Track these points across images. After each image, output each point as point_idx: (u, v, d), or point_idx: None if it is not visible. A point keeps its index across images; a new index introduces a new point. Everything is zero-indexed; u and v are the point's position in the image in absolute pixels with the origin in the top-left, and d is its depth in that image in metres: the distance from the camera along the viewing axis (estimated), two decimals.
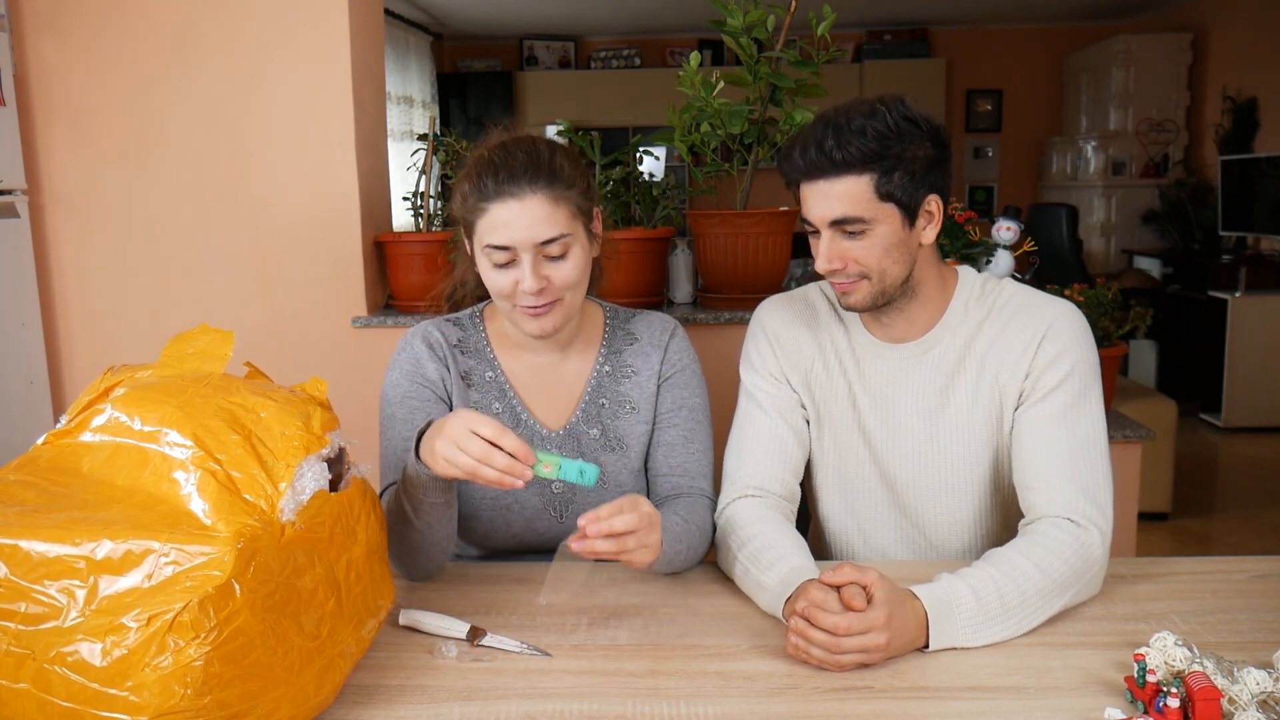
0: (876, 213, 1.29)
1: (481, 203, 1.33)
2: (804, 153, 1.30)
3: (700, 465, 1.47)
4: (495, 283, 1.35)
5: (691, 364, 1.51)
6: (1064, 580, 1.21)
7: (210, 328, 1.09)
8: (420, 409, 1.43)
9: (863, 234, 1.30)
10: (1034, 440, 1.33)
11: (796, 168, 1.32)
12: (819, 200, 1.31)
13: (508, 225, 1.31)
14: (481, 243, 1.35)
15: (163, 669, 0.82)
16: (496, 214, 1.32)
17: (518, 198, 1.31)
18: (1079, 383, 1.34)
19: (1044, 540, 1.24)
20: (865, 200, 1.29)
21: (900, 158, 1.27)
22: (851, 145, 1.26)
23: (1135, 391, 3.93)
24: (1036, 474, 1.32)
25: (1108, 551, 1.27)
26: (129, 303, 2.67)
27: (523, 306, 1.35)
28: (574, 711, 1.02)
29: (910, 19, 7.47)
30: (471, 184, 1.34)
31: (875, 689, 1.06)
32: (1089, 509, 1.27)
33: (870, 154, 1.27)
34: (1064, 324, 1.36)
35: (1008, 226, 2.32)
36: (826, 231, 1.31)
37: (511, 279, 1.34)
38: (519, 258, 1.33)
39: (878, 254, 1.31)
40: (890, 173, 1.28)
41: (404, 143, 6.12)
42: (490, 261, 1.34)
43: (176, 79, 2.56)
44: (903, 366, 1.42)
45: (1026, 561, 1.21)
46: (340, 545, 1.02)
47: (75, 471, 0.95)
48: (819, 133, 1.29)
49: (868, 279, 1.33)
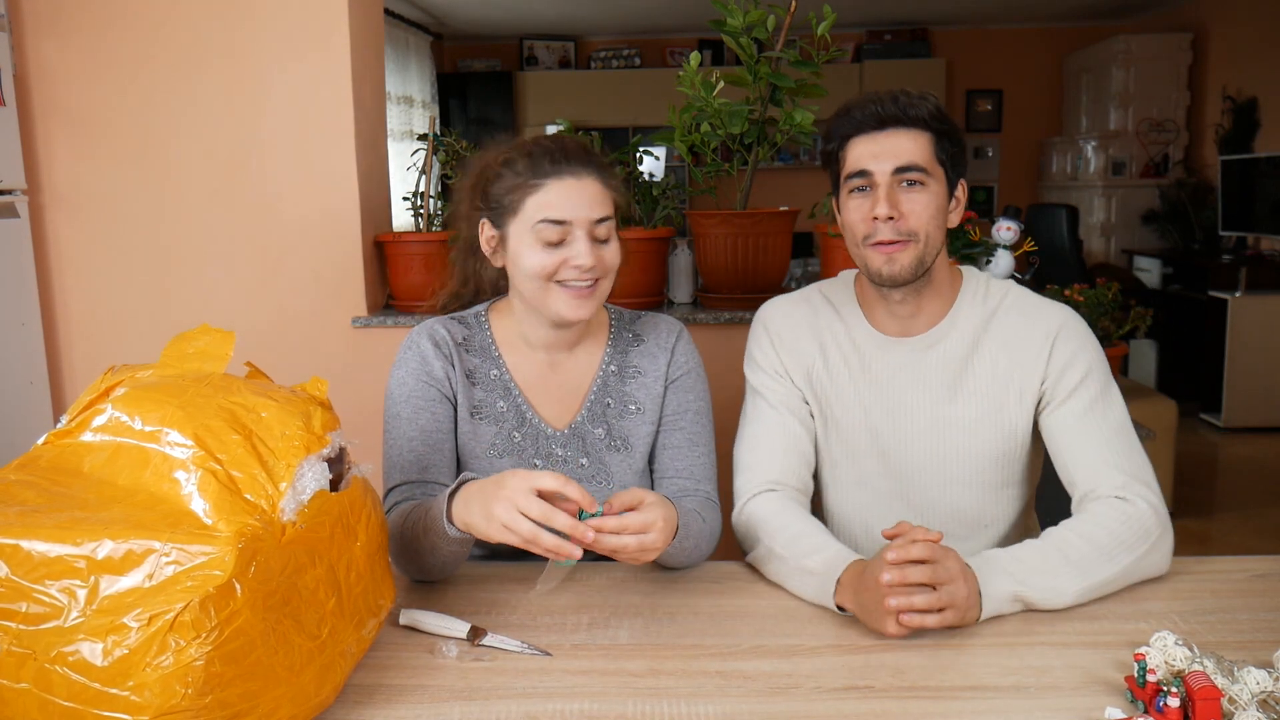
0: (934, 170, 1.38)
1: (536, 179, 1.36)
2: (879, 104, 1.37)
3: (704, 468, 1.48)
4: (540, 262, 1.36)
5: (697, 367, 1.52)
6: (1109, 546, 1.24)
7: (211, 328, 1.09)
8: (426, 408, 1.43)
9: (922, 188, 1.37)
10: (1069, 437, 1.38)
11: (870, 116, 1.37)
12: (887, 149, 1.37)
13: (568, 199, 1.35)
14: (532, 220, 1.36)
15: (164, 669, 0.82)
16: (553, 190, 1.35)
17: (576, 176, 1.36)
18: (1100, 378, 1.39)
19: (1088, 514, 1.30)
20: (929, 156, 1.37)
21: (950, 131, 1.39)
22: (921, 106, 1.37)
23: (1135, 391, 3.93)
24: (1078, 467, 1.36)
25: (1167, 525, 1.30)
26: (129, 303, 2.67)
27: (571, 286, 1.37)
28: (574, 711, 1.02)
29: (910, 19, 7.47)
30: (523, 164, 1.37)
31: (875, 689, 1.06)
32: (1134, 485, 1.31)
33: (934, 116, 1.37)
34: (1073, 327, 1.42)
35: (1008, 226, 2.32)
36: (888, 180, 1.37)
37: (559, 257, 1.35)
38: (571, 235, 1.35)
39: (929, 214, 1.37)
40: (944, 139, 1.38)
41: (404, 143, 6.12)
42: (540, 240, 1.36)
43: (177, 79, 2.56)
44: (910, 359, 1.44)
45: (1068, 531, 1.27)
46: (341, 545, 1.02)
47: (76, 471, 0.95)
48: (886, 94, 1.38)
49: (914, 241, 1.37)
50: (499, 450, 1.45)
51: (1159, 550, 1.28)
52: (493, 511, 1.12)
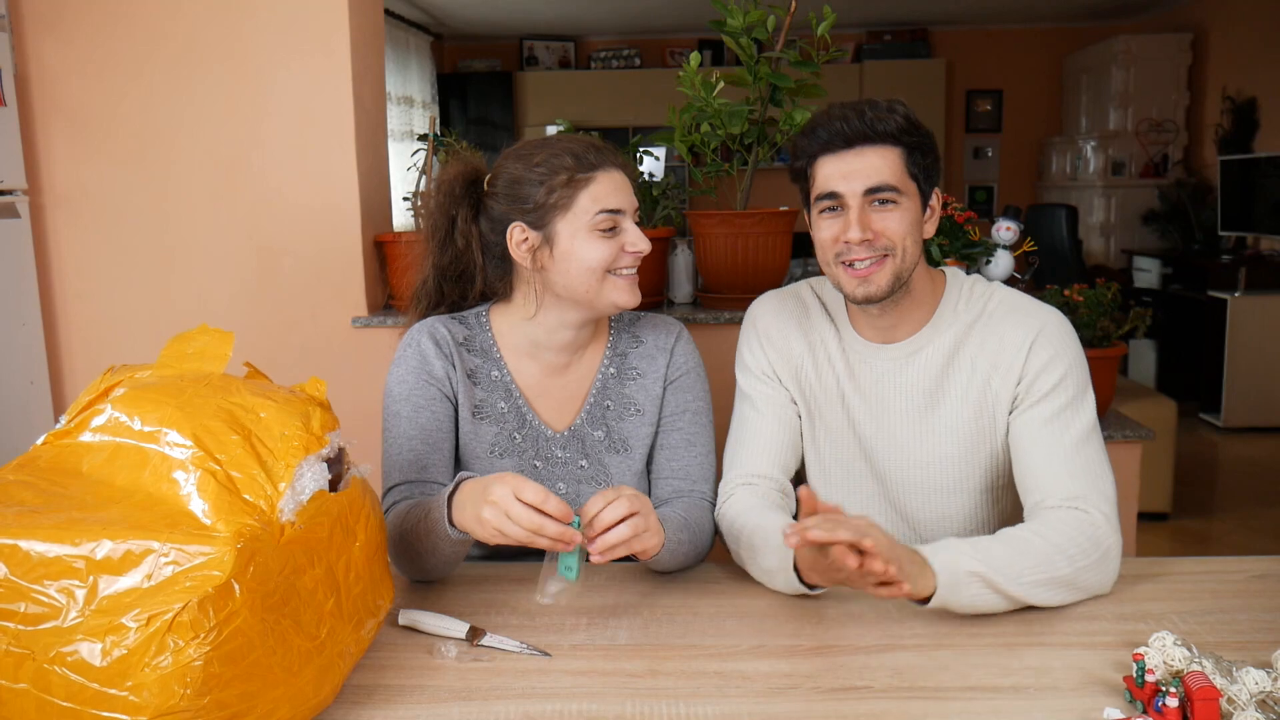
0: (906, 187, 1.34)
1: (585, 173, 1.37)
2: (845, 121, 1.33)
3: (702, 469, 1.48)
4: (602, 252, 1.38)
5: (696, 368, 1.52)
6: (1065, 548, 1.22)
7: (210, 328, 1.09)
8: (425, 407, 1.42)
9: (894, 205, 1.34)
10: (1030, 441, 1.35)
11: (836, 134, 1.34)
12: (855, 169, 1.33)
13: (618, 189, 1.39)
14: (589, 212, 1.37)
15: (162, 669, 0.82)
16: (604, 182, 1.38)
17: (618, 168, 1.41)
18: (1072, 387, 1.35)
19: (1043, 519, 1.28)
20: (899, 172, 1.34)
21: (920, 143, 1.35)
22: (889, 120, 1.33)
23: (1135, 391, 3.93)
24: (1034, 474, 1.33)
25: (1119, 541, 1.27)
26: (129, 303, 2.67)
27: (624, 275, 1.41)
28: (574, 711, 1.02)
29: (910, 19, 7.47)
30: (561, 163, 1.37)
31: (875, 689, 1.06)
32: (1090, 494, 1.29)
33: (904, 129, 1.33)
34: (1054, 329, 1.37)
35: (1008, 226, 2.32)
36: (859, 201, 1.33)
37: (617, 244, 1.39)
38: (623, 223, 1.39)
39: (904, 230, 1.34)
40: (915, 151, 1.34)
41: (404, 143, 6.12)
42: (597, 230, 1.37)
43: (177, 79, 2.57)
44: (891, 367, 1.43)
45: (1024, 530, 1.25)
46: (340, 545, 1.02)
47: (75, 471, 0.95)
48: (853, 109, 1.33)
49: (891, 256, 1.34)
50: (500, 451, 1.45)
51: (1108, 563, 1.25)
52: (483, 518, 1.14)
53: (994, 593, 1.17)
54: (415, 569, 1.31)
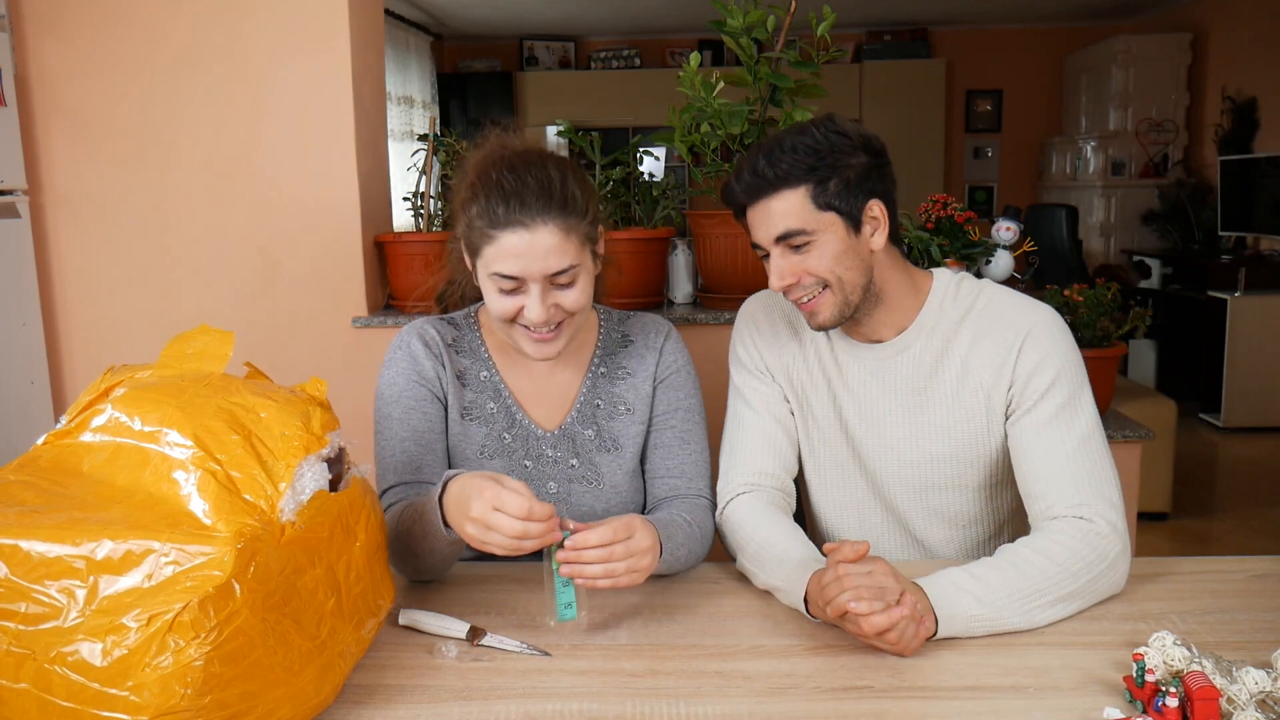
0: (818, 223, 1.32)
1: (491, 229, 1.29)
2: (739, 178, 1.34)
3: (697, 467, 1.48)
4: (500, 307, 1.33)
5: (686, 366, 1.51)
6: (1070, 566, 1.20)
7: (210, 328, 1.09)
8: (417, 408, 1.42)
9: (808, 245, 1.33)
10: (1031, 448, 1.33)
11: (737, 195, 1.36)
12: (762, 220, 1.34)
13: (518, 256, 1.28)
14: (488, 269, 1.32)
15: (163, 669, 0.82)
16: (506, 243, 1.29)
17: (529, 228, 1.28)
18: (1067, 387, 1.33)
19: (1047, 533, 1.25)
20: (805, 212, 1.32)
21: (834, 168, 1.31)
22: (783, 162, 1.31)
23: (1135, 391, 3.93)
24: (1037, 480, 1.31)
25: (1126, 545, 1.26)
26: (129, 303, 2.67)
27: (527, 333, 1.35)
28: (574, 711, 1.02)
29: (910, 19, 7.47)
30: (480, 207, 1.31)
31: (875, 689, 1.06)
32: (1095, 502, 1.27)
33: (802, 167, 1.31)
34: (1042, 329, 1.35)
35: (1007, 227, 2.32)
36: (775, 249, 1.34)
37: (516, 304, 1.32)
38: (525, 287, 1.31)
39: (828, 263, 1.33)
40: (825, 182, 1.31)
41: (404, 143, 6.12)
42: (496, 287, 1.33)
43: (177, 79, 2.56)
44: (878, 367, 1.43)
45: (1027, 550, 1.23)
46: (340, 545, 1.02)
47: (75, 471, 0.95)
48: (752, 158, 1.33)
49: (829, 288, 1.34)
50: (489, 452, 1.45)
51: (1117, 570, 1.25)
52: (465, 531, 1.15)
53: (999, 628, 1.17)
54: (414, 569, 1.32)
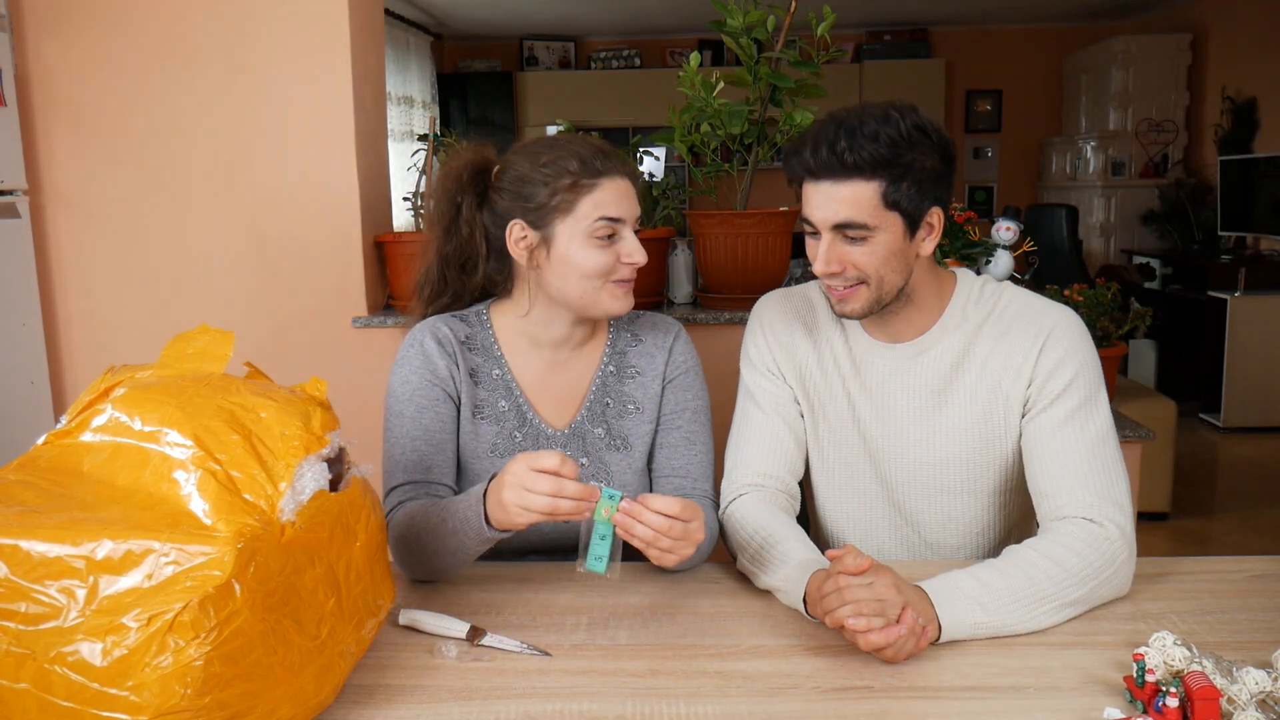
0: (881, 220, 1.28)
1: (590, 179, 1.38)
2: (814, 151, 1.27)
3: (702, 467, 1.48)
4: (597, 260, 1.38)
5: (695, 366, 1.52)
6: (1078, 571, 1.20)
7: (210, 328, 1.09)
8: (430, 407, 1.43)
9: (864, 240, 1.29)
10: (1044, 447, 1.33)
11: (805, 166, 1.29)
12: (825, 201, 1.29)
13: (621, 197, 1.40)
14: (589, 218, 1.37)
15: (163, 669, 0.82)
16: (608, 189, 1.39)
17: (624, 176, 1.42)
18: (1085, 388, 1.33)
19: (1056, 535, 1.25)
20: (871, 207, 1.27)
21: (909, 167, 1.26)
22: (864, 149, 1.24)
23: (1135, 391, 3.93)
24: (1049, 479, 1.31)
25: (1132, 549, 1.25)
26: (129, 303, 2.67)
27: (620, 281, 1.41)
28: (574, 711, 1.02)
29: (910, 19, 7.47)
30: (579, 163, 1.38)
31: (875, 689, 1.06)
32: (1105, 506, 1.26)
33: (881, 160, 1.25)
34: (1064, 330, 1.35)
35: (1007, 227, 2.32)
36: (828, 234, 1.30)
37: (614, 254, 1.39)
38: (622, 232, 1.40)
39: (877, 261, 1.30)
40: (898, 181, 1.26)
41: (404, 143, 6.12)
42: (595, 238, 1.38)
43: (178, 79, 2.57)
44: (898, 366, 1.42)
45: (1035, 554, 1.22)
46: (340, 545, 1.02)
47: (75, 471, 0.95)
48: (830, 133, 1.26)
49: (866, 284, 1.32)
50: (500, 450, 1.45)
51: (1122, 574, 1.24)
52: (504, 499, 1.16)
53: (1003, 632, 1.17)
54: (426, 569, 1.32)
